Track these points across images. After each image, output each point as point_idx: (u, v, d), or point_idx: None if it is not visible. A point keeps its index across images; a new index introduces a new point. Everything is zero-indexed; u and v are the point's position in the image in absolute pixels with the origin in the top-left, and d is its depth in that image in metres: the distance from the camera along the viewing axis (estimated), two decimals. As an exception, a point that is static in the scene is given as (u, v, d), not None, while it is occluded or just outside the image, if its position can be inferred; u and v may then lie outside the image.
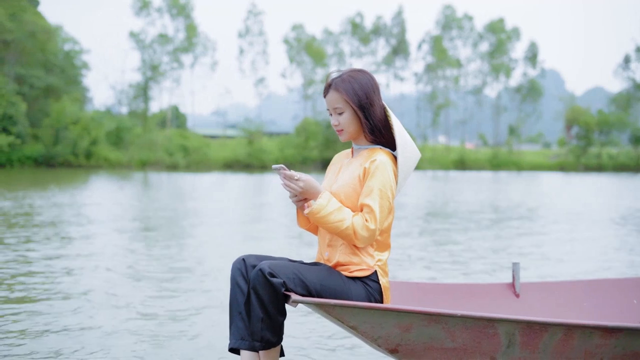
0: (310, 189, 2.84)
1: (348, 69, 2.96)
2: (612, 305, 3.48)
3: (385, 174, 2.81)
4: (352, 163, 2.96)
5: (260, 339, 2.71)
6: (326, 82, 2.96)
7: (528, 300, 3.47)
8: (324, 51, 68.81)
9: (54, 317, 4.54)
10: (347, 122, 2.90)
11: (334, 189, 2.92)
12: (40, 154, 45.67)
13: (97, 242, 8.67)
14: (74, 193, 18.81)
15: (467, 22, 75.49)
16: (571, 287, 3.56)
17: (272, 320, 2.70)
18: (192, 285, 5.82)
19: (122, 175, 35.40)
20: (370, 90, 2.89)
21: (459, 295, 3.42)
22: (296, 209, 3.04)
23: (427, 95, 74.04)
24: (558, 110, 77.63)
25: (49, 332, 4.17)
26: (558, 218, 13.34)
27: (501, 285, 3.52)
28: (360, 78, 2.90)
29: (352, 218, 2.78)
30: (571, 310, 3.46)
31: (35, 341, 3.96)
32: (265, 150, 55.41)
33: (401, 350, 2.74)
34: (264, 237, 9.52)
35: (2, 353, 3.71)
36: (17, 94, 46.09)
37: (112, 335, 4.13)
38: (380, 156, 2.84)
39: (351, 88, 2.87)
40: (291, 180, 2.84)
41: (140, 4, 61.70)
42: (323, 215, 2.78)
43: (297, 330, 4.35)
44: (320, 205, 2.79)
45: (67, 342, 3.94)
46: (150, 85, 61.03)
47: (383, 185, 2.79)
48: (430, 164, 61.25)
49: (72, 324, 4.38)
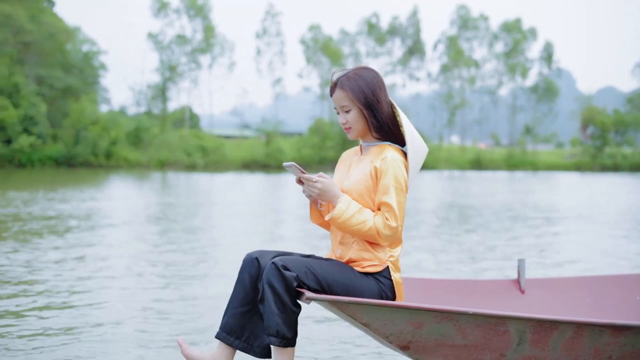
0: (328, 192, 2.84)
1: (353, 67, 2.96)
2: (615, 301, 3.51)
3: (398, 170, 2.82)
4: (362, 160, 2.96)
5: (275, 334, 2.68)
6: (332, 81, 2.96)
7: (533, 296, 3.50)
8: (341, 51, 68.89)
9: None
10: (355, 119, 2.91)
11: (345, 186, 2.92)
12: (60, 154, 46.09)
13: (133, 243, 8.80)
14: (108, 193, 19.15)
15: (482, 22, 75.22)
16: (575, 283, 3.58)
17: (288, 314, 2.68)
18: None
19: (142, 175, 35.63)
20: (377, 87, 2.90)
21: (465, 292, 3.45)
22: (309, 204, 3.05)
23: (443, 95, 73.87)
24: (572, 110, 77.13)
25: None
26: (576, 217, 13.29)
27: (506, 282, 3.55)
28: (365, 75, 2.91)
29: (374, 218, 2.79)
30: (575, 306, 3.48)
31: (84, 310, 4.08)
32: (283, 150, 55.59)
33: (412, 347, 2.76)
34: (283, 236, 9.60)
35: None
36: (37, 94, 46.61)
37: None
38: (390, 153, 2.86)
39: (357, 86, 2.87)
40: (309, 183, 2.84)
41: (159, 5, 62.09)
42: (344, 219, 2.78)
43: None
44: (341, 210, 2.79)
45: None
46: (168, 85, 61.42)
47: (397, 182, 2.81)
48: (447, 164, 61.07)
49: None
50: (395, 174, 2.81)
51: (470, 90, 76.19)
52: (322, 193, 2.84)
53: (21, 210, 12.62)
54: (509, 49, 73.94)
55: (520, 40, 73.38)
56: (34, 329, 4.25)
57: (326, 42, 67.86)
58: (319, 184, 2.83)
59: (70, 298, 5.22)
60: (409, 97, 78.07)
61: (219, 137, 60.59)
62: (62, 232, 9.53)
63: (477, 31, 75.23)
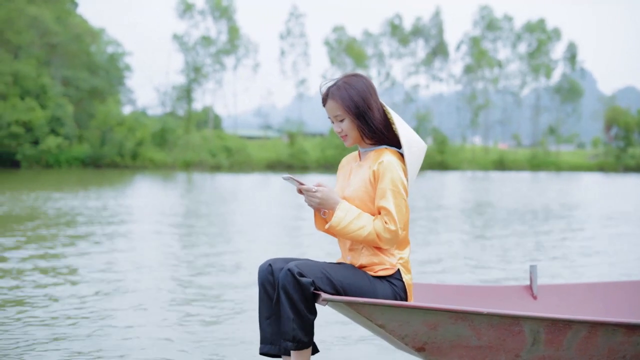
0: (328, 200, 2.89)
1: (343, 75, 2.99)
2: (628, 306, 3.52)
3: (395, 173, 2.84)
4: (362, 166, 2.99)
5: (292, 339, 2.73)
6: (323, 92, 3.00)
7: (545, 302, 3.52)
8: (365, 52, 68.95)
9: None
10: (349, 127, 2.95)
11: (347, 193, 2.97)
12: (86, 154, 46.62)
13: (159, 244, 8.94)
14: (144, 193, 19.50)
15: (506, 22, 74.73)
16: (588, 289, 3.60)
17: (303, 320, 2.73)
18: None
19: (169, 176, 35.93)
20: (367, 94, 2.93)
21: (477, 297, 3.47)
22: (314, 212, 3.08)
23: (466, 96, 73.54)
24: (595, 111, 76.36)
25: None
26: (600, 218, 13.20)
27: (519, 287, 3.57)
28: (355, 83, 2.94)
29: (373, 222, 2.83)
30: (587, 311, 3.50)
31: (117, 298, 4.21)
32: (306, 150, 55.76)
33: (428, 348, 2.79)
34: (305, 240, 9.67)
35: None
36: (63, 96, 47.18)
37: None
38: (386, 157, 2.89)
39: (347, 95, 2.91)
40: (308, 194, 2.89)
41: (184, 6, 62.57)
42: (343, 227, 2.82)
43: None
44: (339, 218, 2.83)
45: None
46: (193, 87, 61.85)
47: (394, 185, 2.83)
48: (470, 165, 60.77)
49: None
50: (392, 178, 2.84)
51: (493, 91, 75.76)
52: (322, 202, 2.89)
53: (116, 209, 12.86)
54: (533, 49, 73.43)
55: (544, 41, 72.83)
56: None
57: (350, 43, 67.93)
58: (318, 194, 2.88)
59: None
60: (432, 97, 77.82)
61: (241, 137, 60.92)
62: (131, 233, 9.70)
63: (500, 32, 74.80)
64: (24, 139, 42.58)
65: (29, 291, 5.47)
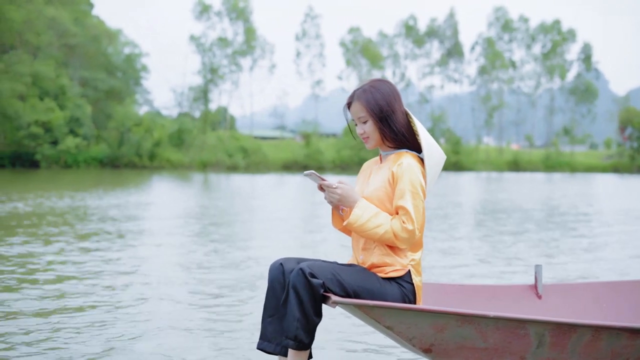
0: (348, 197, 2.94)
1: (369, 80, 3.07)
2: (632, 306, 3.55)
3: (414, 175, 2.90)
4: (382, 168, 3.06)
5: (294, 338, 2.76)
6: (349, 95, 3.08)
7: (550, 301, 3.55)
8: (380, 53, 69.00)
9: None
10: (372, 130, 3.03)
11: (366, 193, 3.01)
12: (104, 154, 47.04)
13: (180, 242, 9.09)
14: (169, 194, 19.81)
15: (523, 23, 74.46)
16: (591, 288, 3.63)
17: (308, 321, 2.77)
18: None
19: (189, 176, 36.15)
20: (392, 99, 3.01)
21: (483, 296, 3.51)
22: (331, 209, 3.15)
23: (481, 96, 73.38)
24: (609, 111, 75.89)
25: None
26: (613, 219, 13.17)
27: (524, 287, 3.61)
28: (381, 87, 3.02)
29: (391, 222, 2.88)
30: (591, 311, 3.53)
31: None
32: (322, 151, 55.88)
33: (435, 350, 2.84)
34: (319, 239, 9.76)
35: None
36: (81, 96, 47.64)
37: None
38: (407, 159, 2.95)
39: (372, 98, 2.99)
40: (329, 190, 2.95)
41: (201, 8, 62.93)
42: (361, 224, 2.88)
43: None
44: (356, 216, 2.88)
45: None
46: (209, 87, 62.18)
47: (413, 186, 2.89)
48: (484, 166, 60.60)
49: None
50: (411, 179, 2.89)
51: (508, 92, 75.55)
52: (342, 199, 2.94)
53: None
54: (547, 50, 73.18)
55: (559, 42, 72.57)
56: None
57: (366, 44, 68.00)
58: (339, 190, 2.94)
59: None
60: (447, 98, 77.69)
61: (255, 138, 61.22)
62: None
63: (514, 33, 74.58)
64: (43, 139, 43.05)
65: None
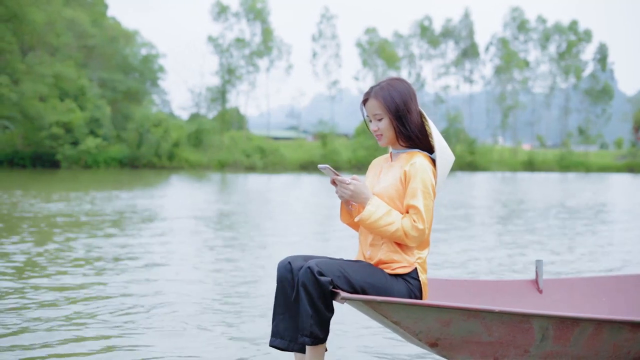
0: (359, 194, 2.98)
1: (387, 78, 3.13)
2: (632, 300, 3.61)
3: (426, 175, 2.95)
4: (393, 166, 3.10)
5: (309, 334, 2.81)
6: (366, 92, 3.14)
7: (551, 296, 3.61)
8: (396, 54, 68.99)
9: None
10: (386, 127, 3.07)
11: (377, 190, 3.06)
12: (124, 155, 47.45)
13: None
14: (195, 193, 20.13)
15: (540, 24, 74.14)
16: (591, 282, 3.68)
17: (321, 317, 2.82)
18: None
19: (207, 176, 36.31)
20: (408, 98, 3.05)
21: (485, 291, 3.58)
22: (340, 204, 3.19)
23: (496, 96, 73.18)
24: (619, 111, 75.32)
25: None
26: (625, 217, 13.16)
27: (525, 282, 3.66)
28: (398, 86, 3.07)
29: (401, 220, 2.93)
30: (591, 305, 3.59)
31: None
32: (339, 151, 55.98)
33: (440, 344, 2.91)
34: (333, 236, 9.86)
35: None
36: (101, 97, 48.11)
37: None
38: (419, 159, 3.00)
39: (389, 95, 3.04)
40: (342, 185, 3.00)
41: (219, 9, 63.25)
42: (373, 221, 2.93)
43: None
44: (369, 212, 2.93)
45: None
46: (227, 88, 62.48)
47: (425, 186, 2.94)
48: (499, 166, 60.39)
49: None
50: (422, 179, 2.95)
51: (523, 92, 75.29)
52: (354, 195, 2.99)
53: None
54: (562, 50, 72.85)
55: (574, 42, 72.24)
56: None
57: (382, 45, 68.00)
58: (351, 186, 2.98)
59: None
60: (462, 98, 77.51)
61: (267, 138, 61.47)
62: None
63: (532, 32, 74.29)
64: (64, 139, 43.55)
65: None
